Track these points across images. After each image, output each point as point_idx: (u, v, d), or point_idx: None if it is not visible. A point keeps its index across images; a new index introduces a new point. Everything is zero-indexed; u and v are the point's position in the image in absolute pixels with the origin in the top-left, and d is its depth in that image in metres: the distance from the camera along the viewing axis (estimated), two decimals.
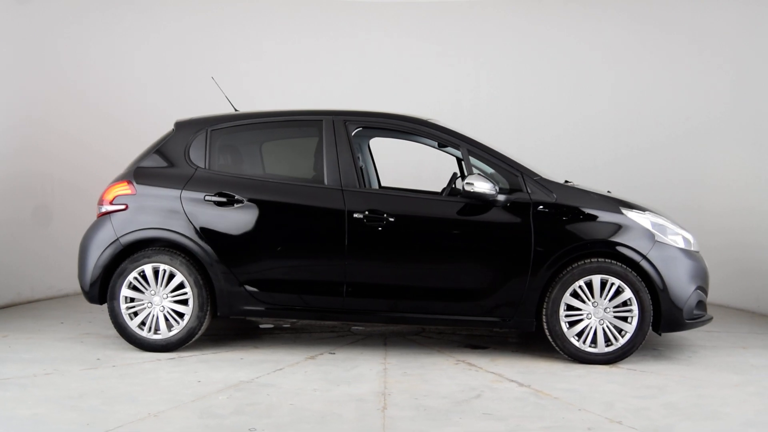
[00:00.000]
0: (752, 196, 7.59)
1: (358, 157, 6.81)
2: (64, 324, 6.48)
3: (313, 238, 5.53)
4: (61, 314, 6.85)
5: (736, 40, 7.75)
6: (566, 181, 6.12)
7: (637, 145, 8.29)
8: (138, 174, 5.72)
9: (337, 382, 4.91)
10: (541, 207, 5.44)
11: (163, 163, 5.74)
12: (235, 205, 5.55)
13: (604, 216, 5.47)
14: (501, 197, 5.43)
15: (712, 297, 5.92)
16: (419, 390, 4.75)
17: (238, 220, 5.54)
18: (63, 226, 7.51)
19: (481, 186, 5.37)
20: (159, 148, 5.80)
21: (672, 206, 7.01)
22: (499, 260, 5.45)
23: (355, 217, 5.46)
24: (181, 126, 5.86)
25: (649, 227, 5.46)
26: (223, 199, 5.56)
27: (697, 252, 5.72)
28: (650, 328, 5.41)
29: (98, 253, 5.61)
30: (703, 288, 5.61)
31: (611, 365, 5.38)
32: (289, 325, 6.63)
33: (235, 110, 6.20)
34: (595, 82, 8.49)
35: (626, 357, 5.42)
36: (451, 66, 8.68)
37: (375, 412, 4.31)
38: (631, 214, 5.49)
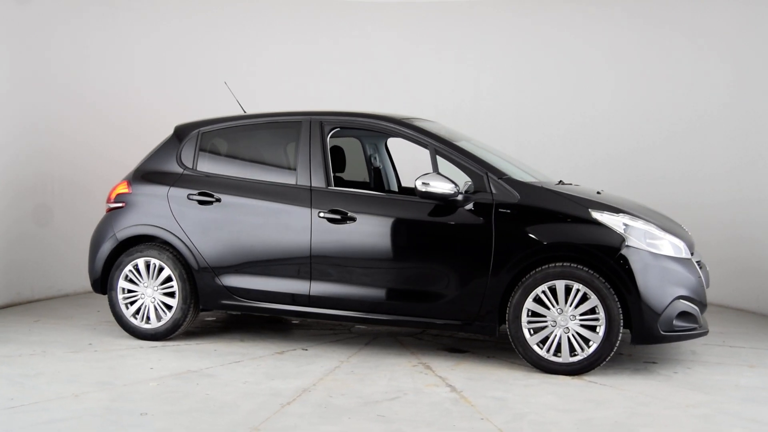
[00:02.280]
0: (752, 195, 7.39)
1: (376, 157, 6.90)
2: (100, 312, 7.05)
3: (282, 236, 5.67)
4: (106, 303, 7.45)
5: (735, 39, 7.57)
6: (560, 182, 5.88)
7: (637, 144, 8.17)
8: (136, 174, 6.16)
9: (276, 376, 5.03)
10: (503, 208, 5.24)
11: (160, 164, 6.13)
12: (214, 204, 5.83)
13: (570, 217, 5.17)
14: (460, 197, 5.28)
15: (711, 297, 5.50)
16: (345, 389, 4.76)
17: (216, 217, 5.82)
18: (64, 226, 7.70)
19: (440, 186, 5.26)
20: (158, 150, 6.21)
21: (671, 205, 6.81)
22: (460, 262, 5.30)
23: (320, 216, 5.55)
24: (179, 129, 6.23)
25: (620, 230, 5.09)
26: (204, 198, 5.85)
27: (688, 259, 5.24)
28: (619, 338, 5.04)
29: (100, 247, 6.10)
30: (689, 298, 5.13)
31: (574, 376, 5.07)
32: (297, 321, 6.81)
33: (245, 112, 6.49)
34: (595, 80, 8.43)
35: (593, 368, 5.08)
36: (452, 66, 8.70)
37: (273, 407, 4.38)
38: (602, 216, 5.14)
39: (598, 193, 5.67)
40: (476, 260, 5.24)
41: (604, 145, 8.25)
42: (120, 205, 6.10)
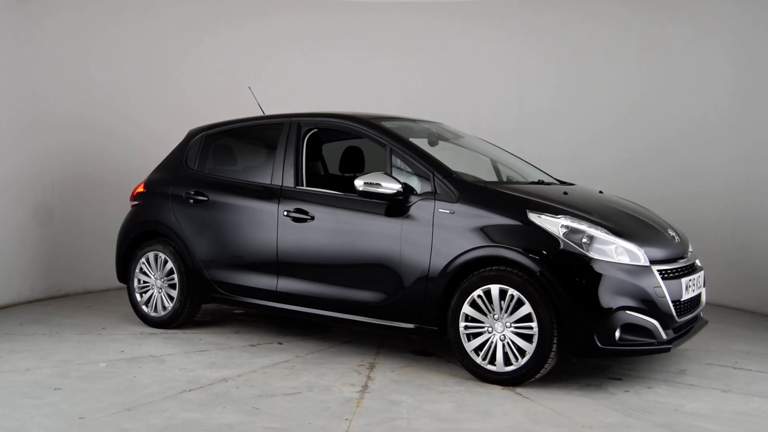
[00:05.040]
0: (753, 196, 7.34)
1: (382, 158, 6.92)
2: None
3: (255, 233, 5.89)
4: None
5: (736, 40, 7.53)
6: (539, 181, 5.60)
7: (637, 148, 8.15)
8: (151, 175, 6.70)
9: (217, 366, 5.26)
10: (443, 208, 5.07)
11: (170, 165, 6.62)
12: (204, 202, 6.19)
13: (505, 219, 4.88)
14: (402, 197, 5.19)
15: (710, 297, 5.11)
16: (260, 382, 4.87)
17: (204, 215, 6.18)
18: (65, 226, 7.81)
19: (384, 185, 5.20)
20: (171, 152, 6.71)
21: (671, 205, 6.97)
22: (405, 263, 5.19)
23: (284, 215, 5.70)
24: (189, 133, 6.69)
25: (557, 233, 4.72)
26: (197, 197, 6.24)
27: (646, 267, 4.74)
28: (552, 349, 4.68)
29: (122, 241, 6.71)
30: (638, 309, 4.64)
31: (506, 387, 4.79)
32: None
33: (263, 113, 6.81)
34: (596, 81, 8.38)
35: (527, 380, 4.77)
36: (452, 66, 8.62)
37: (173, 392, 4.61)
38: (538, 218, 4.80)
39: (565, 193, 5.31)
40: (417, 262, 5.12)
41: (603, 147, 8.21)
42: (137, 203, 6.67)
